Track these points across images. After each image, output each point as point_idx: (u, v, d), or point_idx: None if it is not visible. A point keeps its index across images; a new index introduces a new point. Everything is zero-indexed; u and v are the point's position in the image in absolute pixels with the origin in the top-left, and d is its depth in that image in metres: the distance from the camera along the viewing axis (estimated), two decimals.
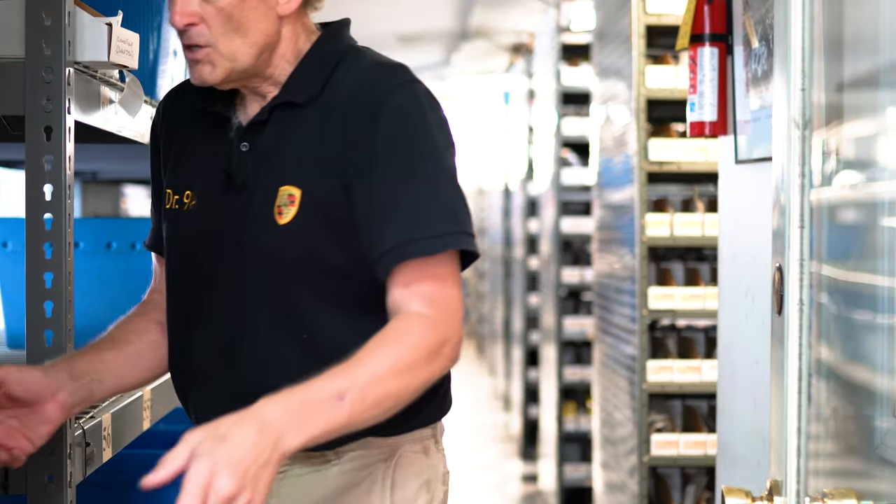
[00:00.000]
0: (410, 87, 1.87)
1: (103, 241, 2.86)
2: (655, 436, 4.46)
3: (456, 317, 1.79)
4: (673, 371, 4.48)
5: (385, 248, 1.79)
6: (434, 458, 1.96)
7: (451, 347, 1.78)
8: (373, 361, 1.69)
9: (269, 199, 1.84)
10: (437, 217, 1.81)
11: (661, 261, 4.69)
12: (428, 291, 1.79)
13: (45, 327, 1.87)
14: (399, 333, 1.75)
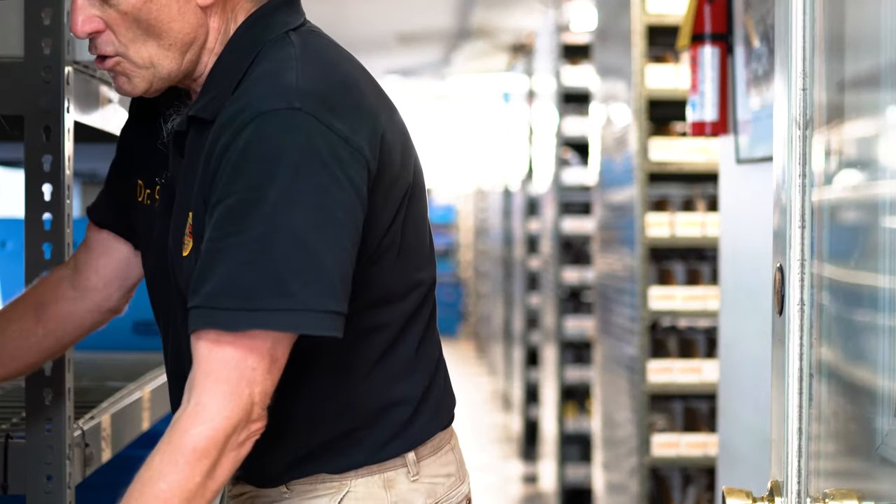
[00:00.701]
0: (278, 116, 1.54)
1: None
2: (656, 436, 4.46)
3: (243, 403, 1.51)
4: (673, 371, 4.48)
5: (195, 303, 1.53)
6: (404, 490, 1.72)
7: (235, 437, 1.51)
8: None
9: (181, 224, 1.65)
10: (257, 287, 1.50)
11: (661, 261, 4.69)
12: (217, 370, 1.51)
13: None
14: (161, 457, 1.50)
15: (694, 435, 4.50)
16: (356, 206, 1.56)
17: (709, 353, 4.61)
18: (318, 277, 1.52)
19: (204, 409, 1.50)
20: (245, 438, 1.52)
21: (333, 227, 1.54)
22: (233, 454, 1.52)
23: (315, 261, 1.52)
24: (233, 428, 1.50)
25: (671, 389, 4.49)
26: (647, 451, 4.44)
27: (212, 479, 1.50)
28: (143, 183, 1.78)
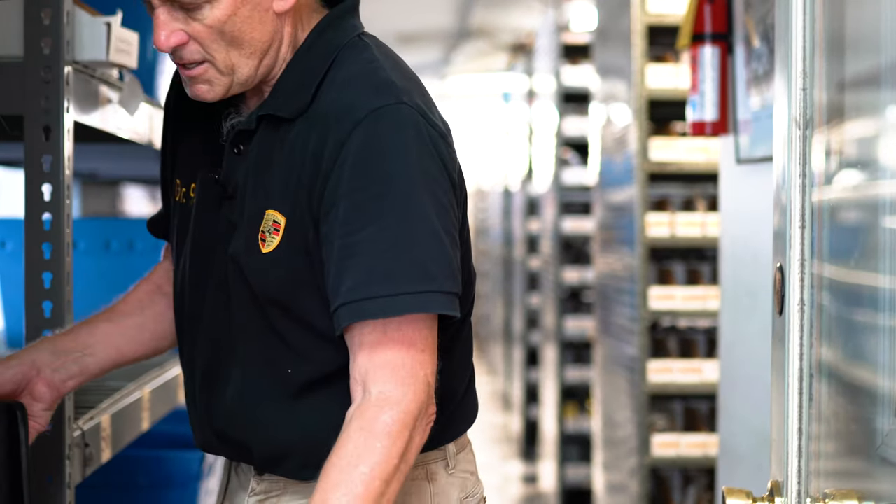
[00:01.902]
0: (391, 111, 1.62)
1: (102, 241, 2.86)
2: (656, 436, 4.46)
3: (422, 385, 1.58)
4: (674, 372, 4.47)
5: (339, 302, 1.58)
6: (444, 482, 1.77)
7: (421, 419, 1.58)
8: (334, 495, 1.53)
9: (256, 220, 1.67)
10: (400, 272, 1.57)
11: (661, 261, 4.69)
12: (392, 360, 1.58)
13: (44, 327, 1.87)
14: (359, 446, 1.55)
15: (694, 435, 4.49)
16: (454, 199, 1.66)
17: (709, 354, 4.61)
18: (447, 261, 1.61)
19: (390, 395, 1.56)
20: (426, 423, 1.60)
21: (446, 215, 1.63)
22: (418, 438, 1.58)
23: (442, 245, 1.60)
24: (418, 409, 1.57)
25: (671, 389, 4.49)
26: (647, 451, 4.44)
27: (405, 462, 1.56)
28: (181, 182, 1.81)
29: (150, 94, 2.37)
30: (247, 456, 1.75)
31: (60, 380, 1.79)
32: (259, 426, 1.71)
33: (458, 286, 1.62)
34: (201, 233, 1.75)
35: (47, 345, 1.81)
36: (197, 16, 1.63)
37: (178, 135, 1.85)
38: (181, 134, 1.84)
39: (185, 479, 2.35)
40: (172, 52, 1.67)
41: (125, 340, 1.89)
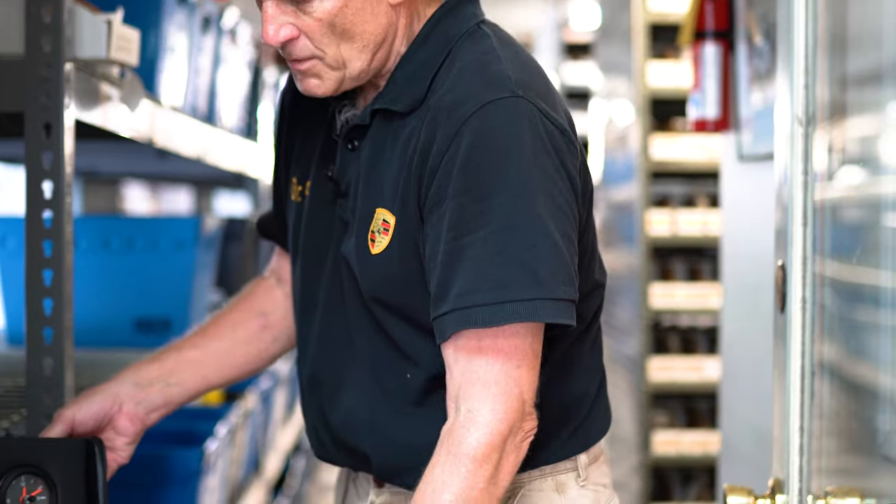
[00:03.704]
0: (505, 104, 1.52)
1: (102, 239, 2.86)
2: (657, 434, 4.45)
3: (515, 403, 1.49)
4: (675, 369, 4.47)
5: (444, 309, 1.50)
6: (574, 495, 1.67)
7: (513, 438, 1.50)
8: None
9: (366, 219, 1.60)
10: (509, 278, 1.47)
11: (663, 258, 4.68)
12: (484, 375, 1.49)
13: (45, 325, 1.86)
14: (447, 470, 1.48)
15: (695, 433, 4.49)
16: (573, 199, 1.55)
17: (710, 351, 4.60)
18: (561, 265, 1.50)
19: (477, 414, 1.48)
20: (521, 440, 1.51)
21: (563, 216, 1.52)
22: (512, 457, 1.50)
23: (556, 249, 1.49)
24: (509, 429, 1.48)
25: (672, 388, 4.49)
26: (648, 448, 4.44)
27: (494, 485, 1.49)
28: (297, 179, 1.76)
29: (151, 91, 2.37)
30: (366, 465, 1.69)
31: (144, 412, 1.77)
32: (378, 434, 1.65)
33: (574, 292, 1.51)
34: (315, 231, 1.70)
35: (131, 376, 1.78)
36: (307, 9, 1.55)
37: (293, 131, 1.79)
38: (296, 130, 1.78)
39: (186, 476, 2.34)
40: (281, 47, 1.59)
41: (212, 368, 1.84)
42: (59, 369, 1.87)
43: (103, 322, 2.81)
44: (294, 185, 1.77)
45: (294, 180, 1.77)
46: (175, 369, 1.81)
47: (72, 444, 1.63)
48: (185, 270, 2.84)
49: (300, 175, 1.76)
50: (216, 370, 1.84)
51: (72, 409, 1.74)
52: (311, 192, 1.72)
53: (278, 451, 3.87)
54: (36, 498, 1.56)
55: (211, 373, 1.84)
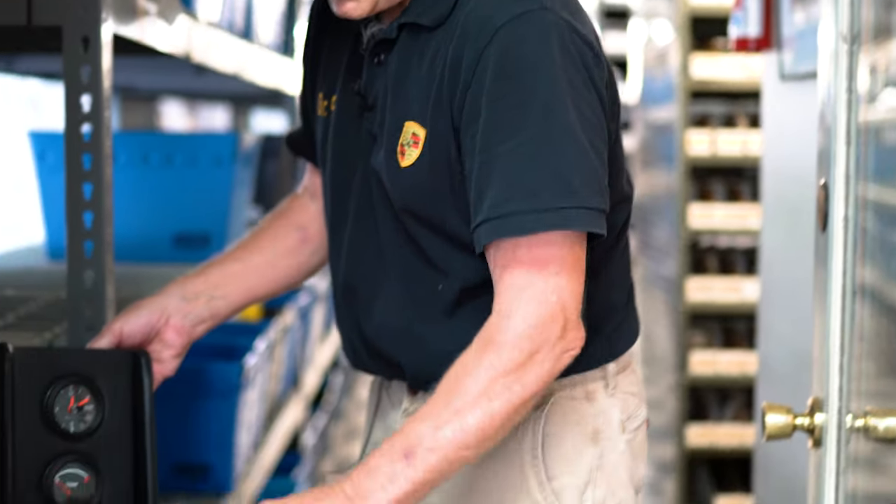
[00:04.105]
0: (534, 17, 1.52)
1: (141, 154, 2.86)
2: (694, 354, 4.46)
3: (550, 310, 1.48)
4: (713, 290, 4.46)
5: (479, 219, 1.51)
6: (604, 403, 1.69)
7: (546, 353, 1.49)
8: (437, 405, 1.48)
9: (395, 133, 1.61)
10: (542, 187, 1.48)
11: (702, 179, 4.65)
12: (519, 282, 1.49)
13: (85, 238, 1.87)
14: (471, 362, 1.49)
15: (732, 353, 4.49)
16: (602, 113, 1.56)
17: (748, 272, 4.59)
18: (592, 175, 1.50)
19: (510, 313, 1.48)
20: (561, 351, 1.50)
21: (593, 128, 1.53)
22: (547, 365, 1.49)
23: (587, 158, 1.50)
24: (541, 336, 1.48)
25: (710, 308, 4.48)
26: (685, 368, 4.44)
27: (520, 385, 1.47)
28: (323, 94, 1.77)
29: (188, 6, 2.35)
30: (400, 374, 1.71)
31: (191, 325, 1.79)
32: (412, 344, 1.67)
33: (605, 202, 1.52)
34: (342, 145, 1.72)
35: (177, 290, 1.80)
36: None
37: (319, 46, 1.80)
38: (322, 45, 1.79)
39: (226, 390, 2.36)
40: None
41: (256, 280, 1.86)
42: (99, 282, 1.88)
43: (142, 237, 2.83)
44: (320, 99, 1.78)
45: (320, 95, 1.78)
46: (219, 283, 1.83)
47: (119, 355, 1.65)
48: (223, 186, 2.85)
49: (326, 90, 1.77)
50: (259, 283, 1.86)
51: (119, 321, 1.76)
52: (337, 106, 1.73)
53: (316, 367, 3.90)
54: (83, 407, 1.58)
55: (254, 285, 1.86)
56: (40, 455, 1.54)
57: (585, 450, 1.68)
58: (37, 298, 2.24)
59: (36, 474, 1.54)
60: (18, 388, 1.53)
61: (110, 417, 1.59)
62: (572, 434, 1.67)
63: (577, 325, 1.51)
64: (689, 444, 4.47)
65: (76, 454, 1.56)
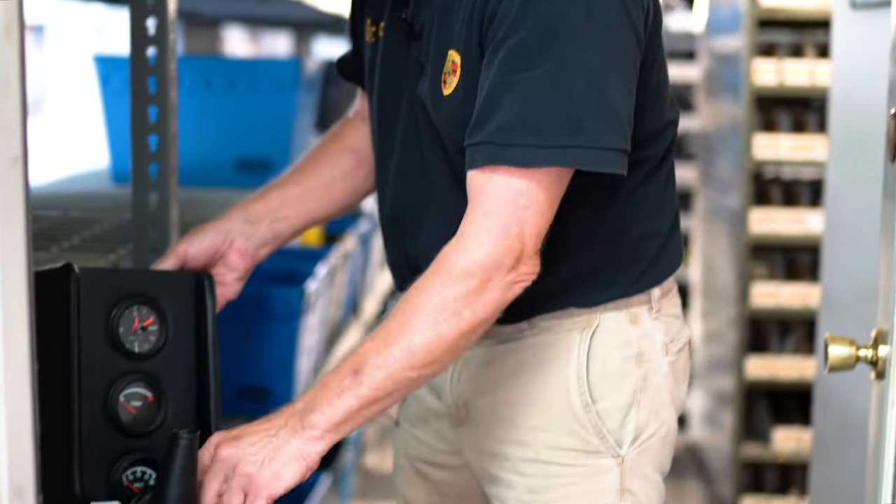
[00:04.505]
0: None
1: (204, 79, 2.87)
2: (756, 286, 4.43)
3: (509, 241, 1.49)
4: (776, 222, 4.42)
5: (478, 139, 1.51)
6: (648, 326, 1.72)
7: (497, 281, 1.50)
8: (388, 324, 1.50)
9: (439, 61, 1.62)
10: (549, 123, 1.48)
11: (767, 109, 4.59)
12: (489, 206, 1.50)
13: (150, 161, 1.89)
14: (427, 282, 1.51)
15: (794, 285, 4.46)
16: (636, 48, 1.55)
17: (812, 204, 4.54)
18: (608, 115, 1.50)
19: (470, 238, 1.50)
20: (513, 281, 1.51)
21: (621, 65, 1.52)
22: (497, 293, 1.50)
23: (606, 98, 1.49)
24: (496, 263, 1.49)
25: (773, 240, 4.45)
26: (747, 300, 4.42)
27: (469, 310, 1.49)
28: (371, 21, 1.77)
29: None
30: None
31: (254, 248, 1.81)
32: None
33: (623, 141, 1.51)
34: (389, 72, 1.72)
35: (240, 213, 1.82)
36: None
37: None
38: None
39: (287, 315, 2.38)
40: None
41: (315, 202, 1.88)
42: (164, 204, 1.90)
43: (205, 162, 2.84)
44: (368, 25, 1.78)
45: (368, 21, 1.78)
46: (281, 205, 1.85)
47: (183, 277, 1.67)
48: (285, 112, 2.86)
49: (374, 16, 1.77)
50: (319, 205, 1.89)
51: (184, 243, 1.78)
52: (384, 33, 1.73)
53: (376, 294, 3.92)
54: (148, 328, 1.60)
55: (313, 208, 1.88)
56: (105, 374, 1.56)
57: (630, 372, 1.70)
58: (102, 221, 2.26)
59: (101, 393, 1.56)
60: (84, 308, 1.55)
61: (174, 338, 1.61)
62: (617, 357, 1.70)
63: (533, 259, 1.52)
64: (749, 375, 4.46)
65: (140, 374, 1.58)
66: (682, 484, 4.91)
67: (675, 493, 4.79)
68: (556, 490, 1.70)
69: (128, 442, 1.57)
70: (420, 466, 1.87)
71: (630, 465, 1.70)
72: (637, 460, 1.71)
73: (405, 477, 1.91)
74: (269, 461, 1.46)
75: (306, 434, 1.47)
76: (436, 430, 1.83)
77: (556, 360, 1.69)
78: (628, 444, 1.70)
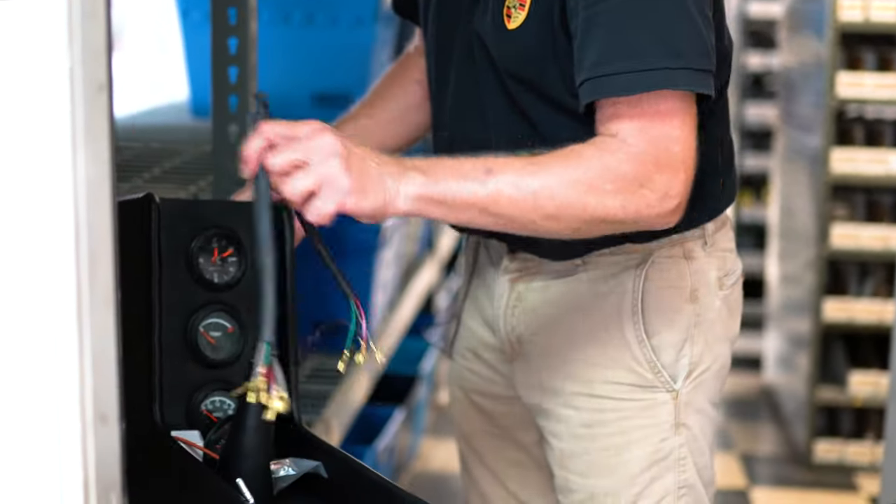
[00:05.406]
0: None
1: (283, 13, 2.86)
2: (836, 227, 4.36)
3: (672, 161, 1.48)
4: (858, 162, 4.34)
5: (583, 77, 1.51)
6: (702, 262, 1.73)
7: (652, 193, 1.48)
8: (542, 162, 1.47)
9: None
10: (646, 47, 1.48)
11: (852, 46, 4.49)
12: (639, 125, 1.49)
13: (230, 92, 1.89)
14: (588, 151, 1.48)
15: (875, 227, 4.39)
16: None
17: None
18: (698, 36, 1.50)
19: (629, 143, 1.48)
20: (658, 200, 1.49)
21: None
22: (654, 204, 1.48)
23: (692, 21, 1.50)
24: (647, 173, 1.47)
25: (854, 180, 4.37)
26: (826, 241, 4.36)
27: (620, 197, 1.47)
28: None
29: None
30: (499, 235, 1.74)
31: None
32: None
33: (712, 63, 1.53)
34: (444, 7, 1.72)
35: None
36: None
37: None
38: None
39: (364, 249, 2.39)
40: None
41: (387, 133, 1.89)
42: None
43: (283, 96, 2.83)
44: None
45: None
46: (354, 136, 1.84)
47: None
48: (363, 46, 2.84)
49: None
50: (390, 135, 1.89)
51: None
52: None
53: (451, 232, 3.91)
54: (227, 259, 1.60)
55: (386, 138, 1.88)
56: (186, 304, 1.58)
57: (683, 307, 1.71)
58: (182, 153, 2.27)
59: (182, 322, 1.57)
60: (165, 239, 1.56)
61: (253, 270, 1.62)
62: (671, 292, 1.71)
63: (680, 184, 1.50)
64: (826, 318, 4.41)
65: (220, 304, 1.59)
66: (756, 427, 4.88)
67: (748, 435, 4.76)
68: (611, 424, 1.72)
69: (207, 372, 1.58)
70: (475, 398, 1.89)
71: (685, 400, 1.72)
72: (691, 394, 1.72)
73: (462, 410, 1.92)
74: (358, 175, 1.39)
75: (401, 187, 1.42)
76: (488, 363, 1.85)
77: (610, 295, 1.70)
78: (683, 378, 1.72)
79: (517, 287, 1.76)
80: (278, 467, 1.47)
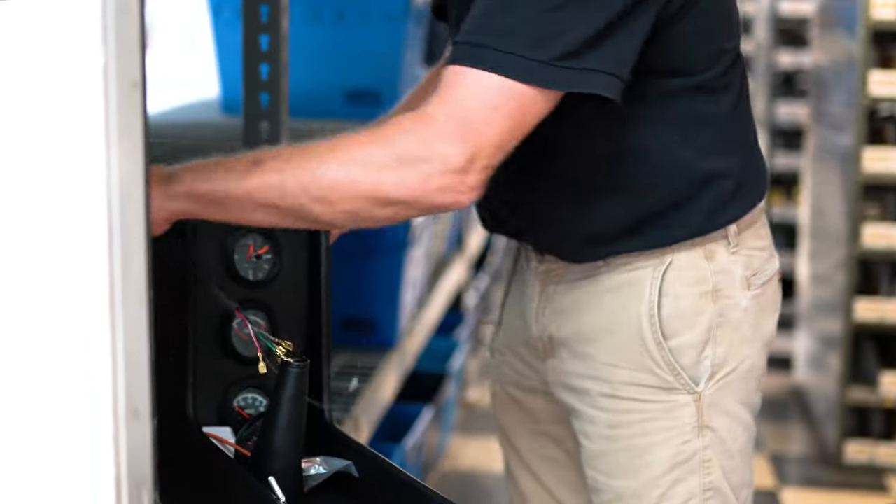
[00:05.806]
0: None
1: (313, 10, 2.87)
2: (867, 227, 4.34)
3: (472, 137, 1.41)
4: (890, 161, 4.32)
5: (456, 38, 1.47)
6: (724, 261, 1.70)
7: (431, 167, 1.40)
8: (326, 145, 1.42)
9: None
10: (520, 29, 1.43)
11: (884, 45, 4.46)
12: (459, 99, 1.42)
13: (262, 90, 1.89)
14: (384, 129, 1.43)
15: None
16: None
17: None
18: (602, 34, 1.45)
19: (431, 120, 1.42)
20: (438, 187, 1.42)
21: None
22: (428, 181, 1.41)
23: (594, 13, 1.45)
24: (442, 155, 1.41)
25: (886, 180, 4.34)
26: (857, 241, 4.33)
27: (395, 175, 1.40)
28: None
29: None
30: (525, 239, 1.79)
31: None
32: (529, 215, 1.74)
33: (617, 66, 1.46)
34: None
35: None
36: None
37: None
38: None
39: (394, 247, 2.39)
40: None
41: None
42: (275, 133, 1.91)
43: (314, 93, 2.84)
44: None
45: None
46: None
47: None
48: (395, 43, 2.84)
49: None
50: None
51: None
52: None
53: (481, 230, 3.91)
54: (262, 256, 1.61)
55: None
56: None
57: (705, 308, 1.69)
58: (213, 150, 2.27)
59: (215, 319, 1.58)
60: (200, 235, 1.56)
61: (288, 268, 1.62)
62: (690, 293, 1.68)
63: (479, 178, 1.44)
64: (857, 318, 4.38)
65: (255, 301, 1.60)
66: (786, 427, 4.86)
67: (778, 435, 4.74)
68: (635, 426, 1.72)
69: (240, 369, 1.58)
70: (513, 392, 1.90)
71: (709, 402, 1.70)
72: (716, 396, 1.71)
73: (501, 404, 1.94)
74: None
75: (168, 188, 1.41)
76: (524, 359, 1.86)
77: (629, 297, 1.70)
78: (705, 380, 1.70)
79: (547, 289, 1.78)
80: (309, 465, 1.47)
